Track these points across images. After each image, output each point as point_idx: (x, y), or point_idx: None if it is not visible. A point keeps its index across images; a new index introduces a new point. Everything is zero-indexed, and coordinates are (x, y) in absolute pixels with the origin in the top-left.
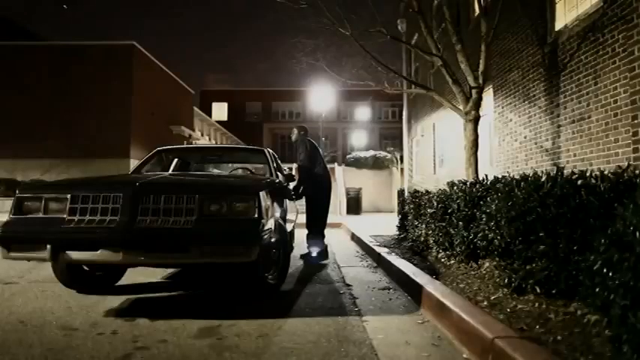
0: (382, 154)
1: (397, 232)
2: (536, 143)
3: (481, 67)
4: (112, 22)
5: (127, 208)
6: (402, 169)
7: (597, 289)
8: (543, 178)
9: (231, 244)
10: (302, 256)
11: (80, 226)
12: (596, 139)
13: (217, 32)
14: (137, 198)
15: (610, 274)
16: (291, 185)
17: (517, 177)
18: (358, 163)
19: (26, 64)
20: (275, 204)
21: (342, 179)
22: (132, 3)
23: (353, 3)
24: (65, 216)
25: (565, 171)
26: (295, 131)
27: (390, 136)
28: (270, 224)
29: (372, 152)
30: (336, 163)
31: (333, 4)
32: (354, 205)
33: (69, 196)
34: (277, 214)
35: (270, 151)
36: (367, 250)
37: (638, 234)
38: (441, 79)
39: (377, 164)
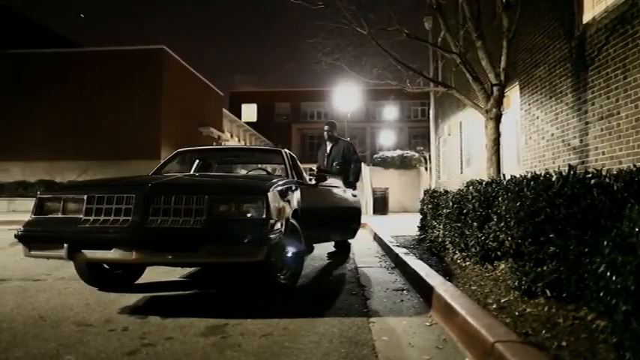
0: (409, 153)
1: (418, 233)
2: (563, 141)
3: (502, 64)
4: (142, 26)
5: (139, 208)
6: (430, 169)
7: (601, 294)
8: (554, 177)
9: (239, 244)
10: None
11: (95, 226)
12: (626, 136)
13: (243, 34)
14: (149, 198)
15: (613, 277)
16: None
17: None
18: (385, 163)
19: (62, 69)
20: (287, 204)
21: (369, 179)
22: (162, 7)
23: (371, 2)
24: (81, 216)
25: (593, 170)
26: (328, 127)
27: (420, 135)
28: (280, 225)
29: (399, 152)
30: (363, 163)
31: (350, 4)
32: (381, 205)
33: (85, 196)
34: (290, 215)
35: (288, 151)
36: (387, 251)
37: None
38: (465, 76)
39: (404, 164)
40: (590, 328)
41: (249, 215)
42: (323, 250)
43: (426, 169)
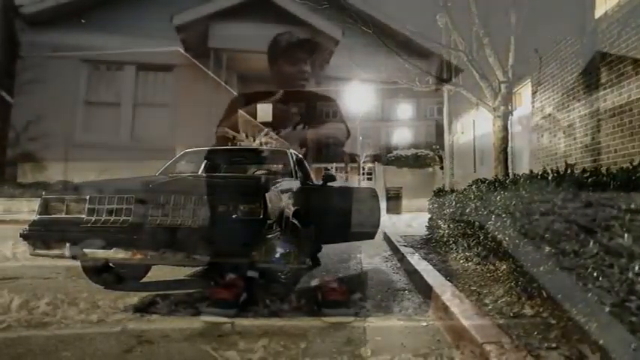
0: (423, 152)
1: (426, 232)
2: (575, 139)
3: (510, 61)
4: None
5: (139, 208)
6: (444, 168)
7: (589, 295)
8: (550, 176)
9: (237, 243)
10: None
11: (96, 226)
12: (638, 133)
13: None
14: (148, 199)
15: (599, 279)
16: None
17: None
18: (399, 162)
19: (79, 72)
20: (288, 204)
21: (383, 179)
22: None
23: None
24: (84, 216)
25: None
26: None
27: (435, 134)
28: (280, 225)
29: (412, 150)
30: (376, 162)
31: (356, 2)
32: (394, 205)
33: (87, 197)
34: (290, 215)
35: (293, 151)
36: (394, 251)
37: (626, 237)
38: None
39: (418, 163)
40: (583, 329)
41: (247, 215)
42: (329, 249)
43: (441, 167)
